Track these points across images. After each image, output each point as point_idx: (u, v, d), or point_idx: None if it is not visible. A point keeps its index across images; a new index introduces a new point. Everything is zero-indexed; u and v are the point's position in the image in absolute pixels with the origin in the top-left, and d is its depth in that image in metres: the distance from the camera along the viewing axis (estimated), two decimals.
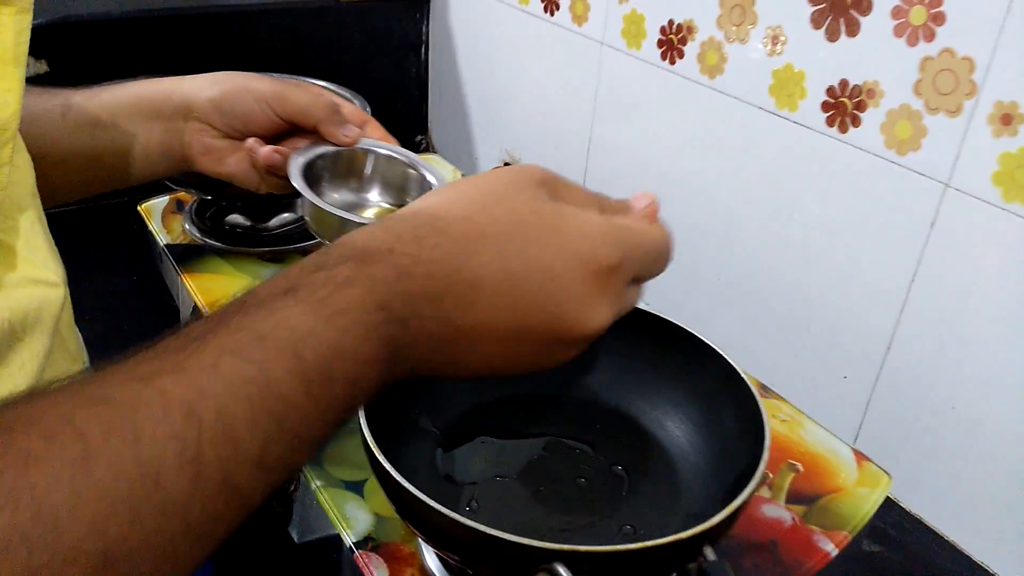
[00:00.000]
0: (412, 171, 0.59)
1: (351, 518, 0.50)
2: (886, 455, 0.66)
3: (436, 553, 0.47)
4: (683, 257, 0.85)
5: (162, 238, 0.77)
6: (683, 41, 0.78)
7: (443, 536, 0.39)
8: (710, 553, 0.37)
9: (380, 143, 0.59)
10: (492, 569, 0.39)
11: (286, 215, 0.79)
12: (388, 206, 0.60)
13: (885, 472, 0.57)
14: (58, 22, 0.94)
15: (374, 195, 0.61)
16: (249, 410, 0.26)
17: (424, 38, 1.17)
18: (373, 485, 0.52)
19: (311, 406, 0.28)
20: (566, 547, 0.36)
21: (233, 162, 0.57)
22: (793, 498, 0.54)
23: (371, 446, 0.40)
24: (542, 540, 0.36)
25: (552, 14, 0.94)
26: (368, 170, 0.60)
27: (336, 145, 0.57)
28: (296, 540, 0.53)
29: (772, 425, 0.59)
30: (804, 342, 0.74)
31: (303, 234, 0.77)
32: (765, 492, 0.55)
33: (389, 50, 1.15)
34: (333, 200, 0.58)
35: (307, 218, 0.57)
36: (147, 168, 0.57)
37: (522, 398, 0.54)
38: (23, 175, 0.42)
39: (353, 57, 1.10)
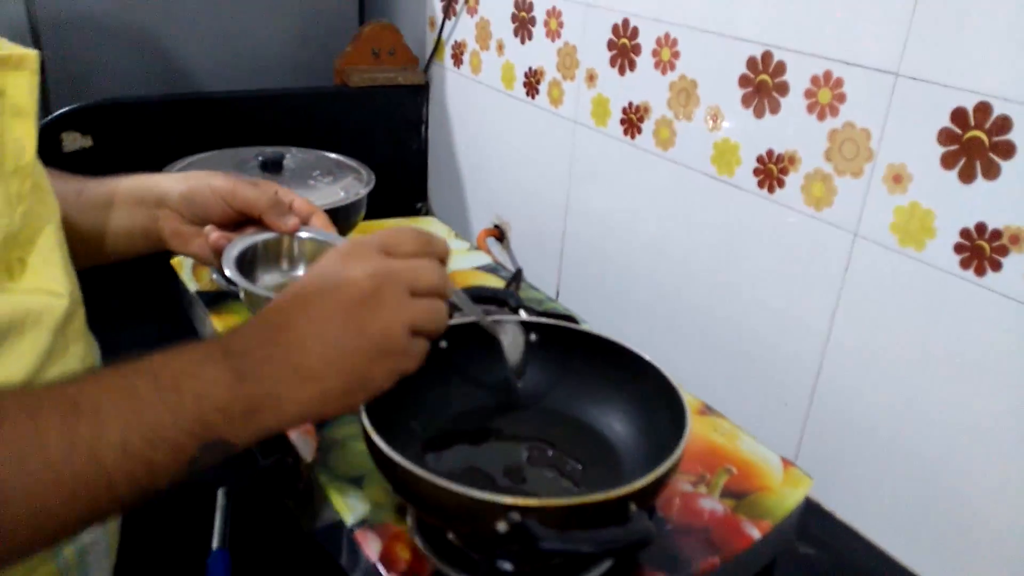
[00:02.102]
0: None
1: (351, 506, 0.59)
2: (821, 470, 0.76)
3: (420, 529, 0.57)
4: (642, 300, 0.97)
5: (192, 286, 0.88)
6: (641, 119, 0.91)
7: (422, 498, 0.49)
8: (633, 507, 0.47)
9: (318, 230, 0.66)
10: (467, 526, 0.49)
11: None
12: None
13: (807, 475, 0.67)
14: (102, 103, 1.08)
15: (301, 274, 0.68)
16: (114, 407, 0.39)
17: (424, 118, 1.31)
18: (370, 480, 0.61)
19: (162, 407, 0.40)
20: (520, 500, 0.46)
21: (196, 245, 0.66)
22: (726, 494, 0.64)
23: (366, 426, 0.51)
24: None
25: (533, 97, 1.08)
26: (296, 252, 0.67)
27: (278, 232, 0.65)
28: (305, 529, 0.63)
29: (712, 437, 0.69)
30: (748, 372, 0.84)
31: None
32: (703, 489, 0.64)
33: (393, 128, 1.29)
34: (265, 281, 0.66)
35: (242, 297, 0.65)
36: (132, 245, 0.67)
37: (495, 407, 0.64)
38: (44, 208, 0.52)
39: (361, 134, 1.24)
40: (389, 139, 1.29)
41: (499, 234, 1.20)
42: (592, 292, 1.04)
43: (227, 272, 0.61)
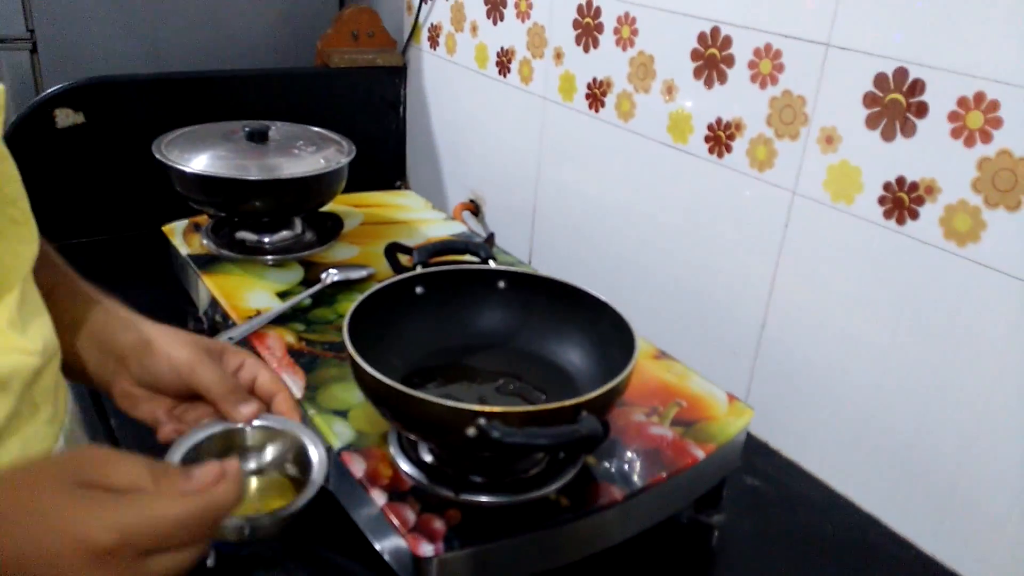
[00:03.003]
0: (293, 441, 0.57)
1: (338, 433, 0.66)
2: (767, 413, 0.83)
3: (400, 450, 0.63)
4: (606, 262, 1.04)
5: (184, 250, 0.94)
6: (604, 94, 0.98)
7: (404, 412, 0.56)
8: (585, 415, 0.54)
9: (275, 417, 0.58)
10: (442, 434, 0.56)
11: (285, 232, 0.97)
12: (268, 476, 0.58)
13: (750, 407, 0.74)
14: (94, 81, 1.13)
15: (250, 466, 0.58)
16: None
17: (402, 98, 1.37)
18: (354, 413, 0.68)
19: None
20: (485, 408, 0.52)
21: (146, 409, 0.58)
22: (676, 423, 0.71)
23: (353, 355, 0.57)
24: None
25: (505, 76, 1.14)
26: (248, 443, 0.59)
27: (233, 422, 0.57)
28: None
29: (665, 377, 0.76)
30: (701, 325, 0.92)
31: (300, 246, 0.95)
32: (655, 419, 0.71)
33: (372, 108, 1.35)
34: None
35: None
36: (81, 377, 0.58)
37: (467, 347, 0.71)
38: (15, 260, 0.46)
39: (342, 113, 1.29)
40: (369, 118, 1.35)
41: (474, 208, 1.27)
42: (561, 257, 1.11)
43: (175, 461, 0.53)
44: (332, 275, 0.88)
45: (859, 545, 0.75)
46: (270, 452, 0.58)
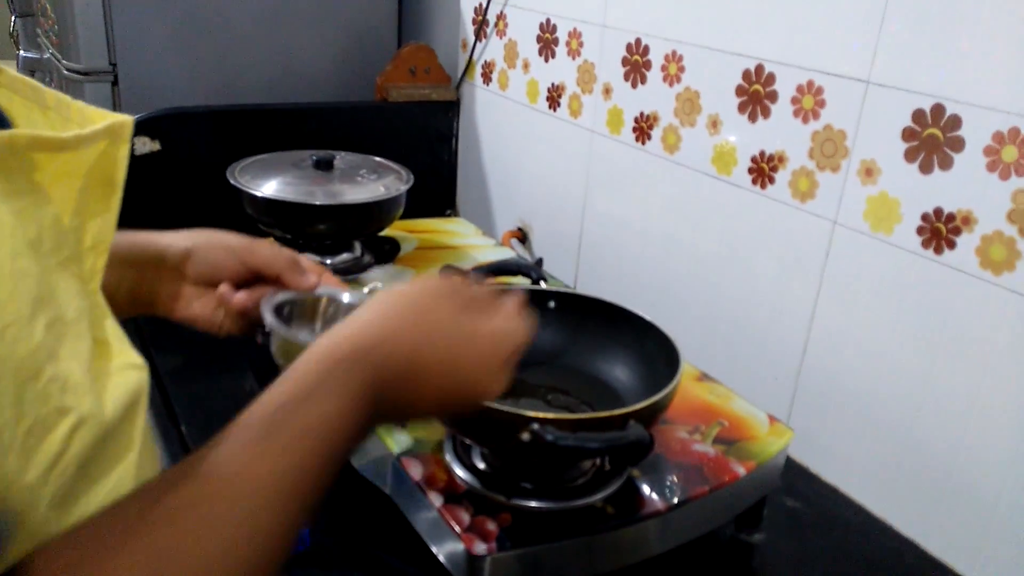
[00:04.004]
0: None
1: (397, 440, 0.70)
2: (807, 437, 0.86)
3: (455, 456, 0.67)
4: (650, 288, 1.07)
5: None
6: (650, 127, 1.02)
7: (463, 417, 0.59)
8: (633, 424, 0.57)
9: (333, 288, 0.65)
10: (497, 438, 0.59)
11: (346, 254, 1.02)
12: None
13: (789, 428, 0.76)
14: (169, 112, 1.21)
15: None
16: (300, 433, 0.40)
17: (455, 131, 1.43)
18: (411, 422, 0.72)
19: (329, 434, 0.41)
20: (539, 414, 0.56)
21: (198, 306, 0.62)
22: (718, 441, 0.74)
23: None
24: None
25: (555, 110, 1.20)
26: (322, 310, 0.65)
27: (297, 291, 0.63)
28: (354, 463, 0.73)
29: (708, 398, 0.79)
30: (743, 350, 0.94)
31: (359, 267, 1.00)
32: (698, 437, 0.74)
33: (426, 140, 1.41)
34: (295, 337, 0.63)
35: (274, 350, 0.61)
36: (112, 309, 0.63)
37: (520, 362, 0.75)
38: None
39: (399, 144, 1.36)
40: (423, 149, 1.41)
41: (521, 236, 1.31)
42: (606, 284, 1.15)
43: (267, 320, 0.60)
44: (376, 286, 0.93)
45: (897, 568, 0.76)
46: (341, 316, 0.61)
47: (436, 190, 1.45)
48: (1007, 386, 0.69)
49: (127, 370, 0.43)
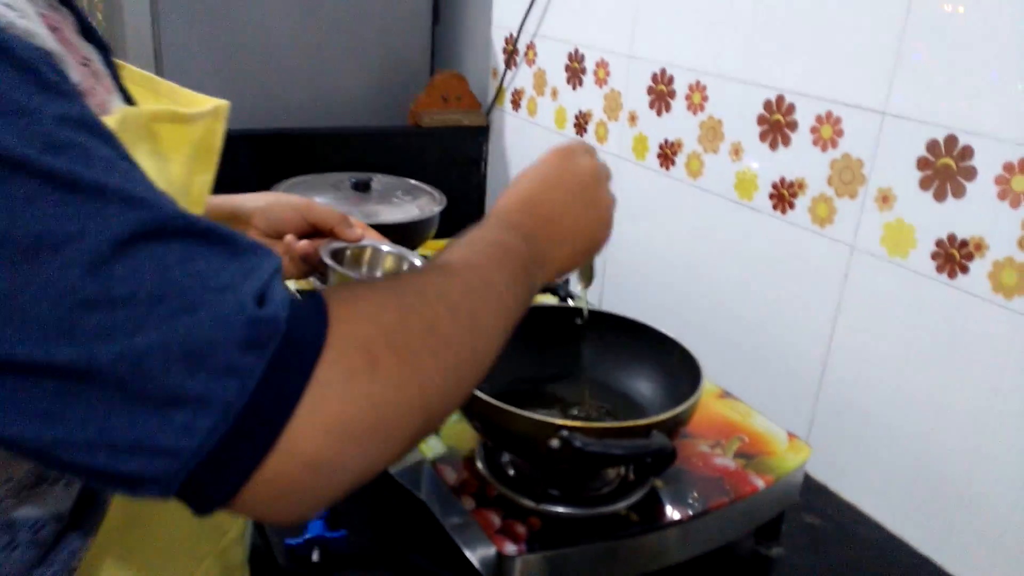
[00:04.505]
0: (400, 257, 0.81)
1: (431, 446, 0.74)
2: (826, 455, 0.88)
3: (486, 463, 0.71)
4: (673, 309, 1.10)
5: (293, 285, 1.05)
6: (674, 154, 1.06)
7: (494, 424, 0.63)
8: (656, 433, 0.61)
9: (377, 241, 0.82)
10: (527, 445, 0.63)
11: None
12: None
13: (808, 445, 0.79)
14: None
15: (376, 273, 0.82)
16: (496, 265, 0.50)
17: (484, 155, 1.48)
18: (446, 430, 0.76)
19: (509, 262, 0.51)
20: (568, 422, 0.60)
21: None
22: (738, 455, 0.76)
23: None
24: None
25: (581, 136, 1.24)
26: (368, 256, 0.81)
27: (347, 241, 0.79)
28: (390, 470, 0.77)
29: (728, 415, 0.82)
30: (763, 369, 0.97)
31: None
32: (718, 451, 0.77)
33: (457, 163, 1.46)
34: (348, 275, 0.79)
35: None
36: None
37: (548, 376, 0.79)
38: None
39: (430, 168, 1.41)
40: (454, 172, 1.46)
41: None
42: (629, 304, 1.18)
43: (327, 261, 0.76)
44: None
45: None
46: (385, 263, 0.81)
47: (467, 211, 1.50)
48: (1019, 406, 0.72)
49: None
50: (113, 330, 0.32)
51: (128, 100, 0.50)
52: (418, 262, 0.78)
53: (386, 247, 0.81)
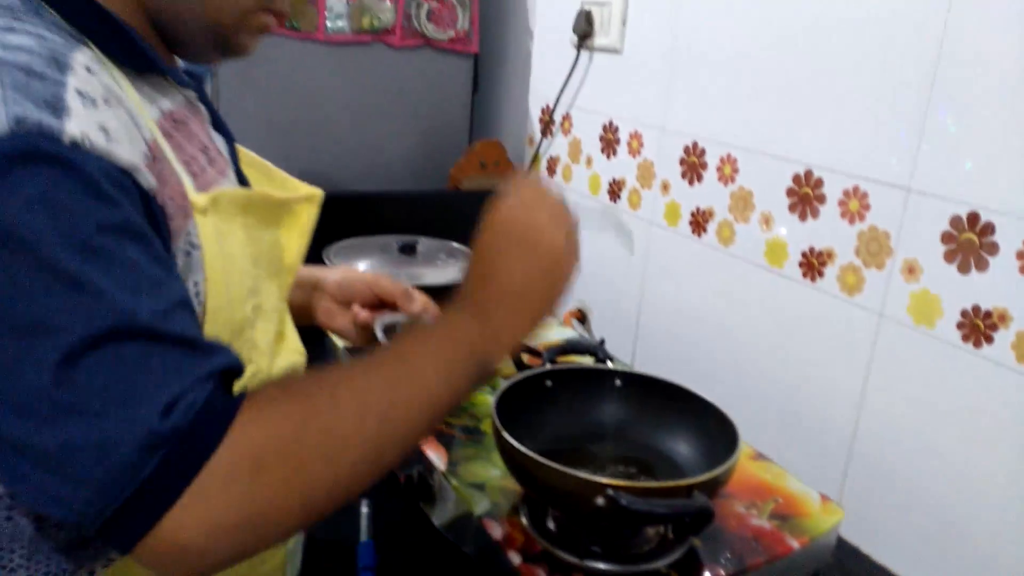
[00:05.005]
0: None
1: (477, 501, 0.77)
2: (857, 518, 0.90)
3: (531, 520, 0.74)
4: (705, 371, 1.13)
5: (341, 343, 1.10)
6: (706, 221, 1.11)
7: (539, 481, 0.67)
8: (697, 494, 0.64)
9: (432, 315, 0.88)
10: (572, 502, 0.66)
11: None
12: None
13: (840, 507, 0.81)
14: None
15: None
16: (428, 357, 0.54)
17: None
18: (491, 486, 0.79)
19: (454, 350, 0.54)
20: (614, 481, 0.63)
21: (340, 320, 0.88)
22: (773, 517, 0.79)
23: (499, 428, 0.69)
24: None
25: (615, 202, 1.29)
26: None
27: (408, 314, 0.87)
28: (436, 523, 0.81)
29: (763, 476, 0.85)
30: (795, 433, 1.00)
31: None
32: (754, 512, 0.80)
33: None
34: None
35: None
36: (293, 319, 0.79)
37: (588, 435, 0.82)
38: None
39: (468, 229, 1.46)
40: None
41: (581, 316, 1.40)
42: (662, 365, 1.22)
43: (377, 334, 0.84)
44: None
45: None
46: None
47: None
48: None
49: (292, 353, 0.67)
50: (57, 417, 0.41)
51: (242, 181, 0.63)
52: None
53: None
